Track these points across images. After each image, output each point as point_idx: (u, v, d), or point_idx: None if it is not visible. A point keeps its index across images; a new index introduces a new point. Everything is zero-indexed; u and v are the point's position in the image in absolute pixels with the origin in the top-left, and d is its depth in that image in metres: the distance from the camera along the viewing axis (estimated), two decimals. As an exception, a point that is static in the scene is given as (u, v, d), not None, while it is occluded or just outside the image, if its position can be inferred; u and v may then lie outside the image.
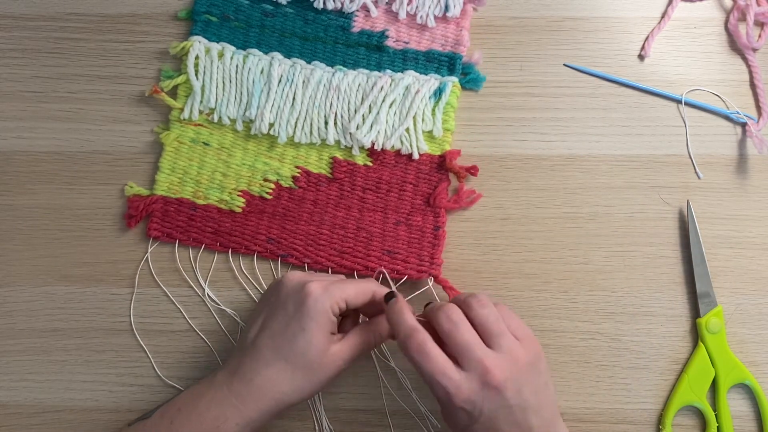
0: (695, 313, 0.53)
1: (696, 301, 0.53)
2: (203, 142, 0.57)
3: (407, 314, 0.44)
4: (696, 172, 0.56)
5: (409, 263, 0.54)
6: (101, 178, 0.57)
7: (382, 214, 0.55)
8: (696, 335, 0.53)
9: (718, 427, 0.51)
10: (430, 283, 0.53)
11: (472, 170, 0.55)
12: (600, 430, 0.52)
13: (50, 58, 0.60)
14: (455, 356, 0.43)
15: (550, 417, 0.44)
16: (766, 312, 0.53)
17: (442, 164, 0.56)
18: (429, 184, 0.56)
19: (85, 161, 0.58)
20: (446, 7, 0.59)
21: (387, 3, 0.60)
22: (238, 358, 0.46)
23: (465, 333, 0.43)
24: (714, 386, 0.52)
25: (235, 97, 0.58)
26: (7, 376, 0.53)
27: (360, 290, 0.47)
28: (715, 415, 0.51)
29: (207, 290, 0.54)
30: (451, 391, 0.42)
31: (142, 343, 0.53)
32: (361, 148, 0.57)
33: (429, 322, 0.45)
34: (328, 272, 0.54)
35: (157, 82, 0.59)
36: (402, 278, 0.53)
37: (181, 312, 0.54)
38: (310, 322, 0.44)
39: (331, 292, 0.45)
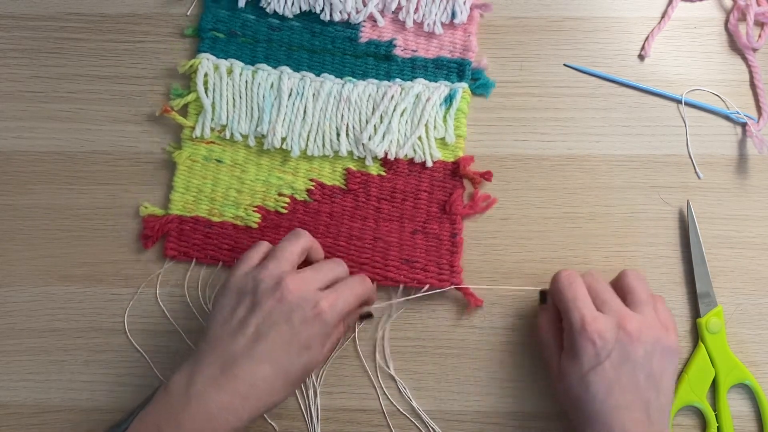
0: (695, 313, 0.53)
1: (696, 301, 0.53)
2: (216, 160, 0.57)
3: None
4: (696, 172, 0.56)
5: (428, 272, 0.54)
6: (101, 178, 0.57)
7: (399, 223, 0.55)
8: (696, 335, 0.53)
9: (718, 427, 0.51)
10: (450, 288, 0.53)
11: (486, 176, 0.55)
12: (600, 430, 0.52)
13: (50, 58, 0.60)
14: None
15: (665, 407, 0.44)
16: (766, 312, 0.53)
17: (455, 171, 0.56)
18: (444, 192, 0.56)
19: (85, 161, 0.58)
20: (453, 14, 0.59)
21: (393, 12, 0.60)
22: (222, 364, 0.43)
23: (607, 289, 0.47)
24: (714, 386, 0.52)
25: (246, 113, 0.58)
26: (7, 376, 0.53)
27: (361, 297, 0.48)
28: (715, 415, 0.51)
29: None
30: (588, 318, 0.44)
31: (136, 344, 0.53)
32: (375, 158, 0.57)
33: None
34: None
35: (167, 99, 0.58)
36: (423, 287, 0.53)
37: (179, 312, 0.54)
38: (316, 341, 0.45)
39: (338, 308, 0.45)
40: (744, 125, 0.57)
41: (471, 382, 0.52)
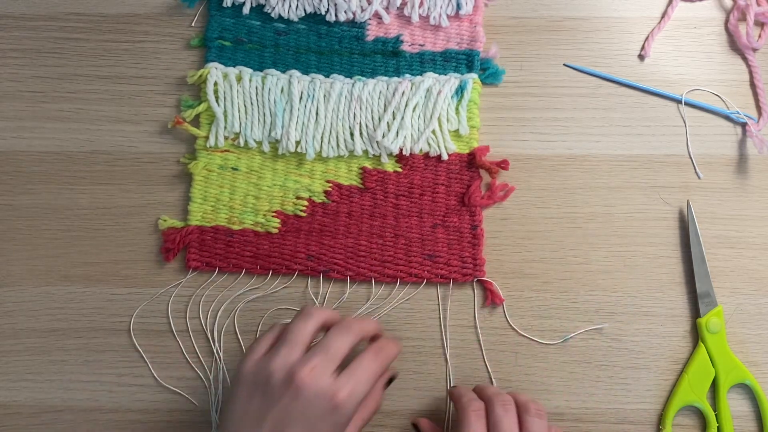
0: (695, 313, 0.53)
1: (696, 301, 0.53)
2: (232, 168, 0.57)
3: (470, 392, 0.47)
4: (696, 172, 0.56)
5: (452, 266, 0.54)
6: (101, 178, 0.57)
7: (418, 218, 0.55)
8: (696, 335, 0.53)
9: (718, 427, 0.51)
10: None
11: (503, 165, 0.56)
12: (600, 430, 0.52)
13: (50, 58, 0.60)
14: None
15: None
16: (766, 312, 0.53)
17: (471, 162, 0.56)
18: (461, 184, 0.56)
19: (85, 161, 0.58)
20: (458, 5, 0.59)
21: (398, 8, 0.60)
22: None
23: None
24: (714, 386, 0.52)
25: (259, 119, 0.57)
26: (7, 376, 0.53)
27: (379, 374, 0.46)
28: (715, 415, 0.51)
29: (216, 349, 0.54)
30: None
31: (137, 344, 0.53)
32: (390, 155, 0.57)
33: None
34: (371, 282, 0.54)
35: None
36: (447, 282, 0.54)
37: (181, 312, 0.54)
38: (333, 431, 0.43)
39: (357, 395, 0.43)
40: (744, 125, 0.57)
41: (471, 383, 0.52)
